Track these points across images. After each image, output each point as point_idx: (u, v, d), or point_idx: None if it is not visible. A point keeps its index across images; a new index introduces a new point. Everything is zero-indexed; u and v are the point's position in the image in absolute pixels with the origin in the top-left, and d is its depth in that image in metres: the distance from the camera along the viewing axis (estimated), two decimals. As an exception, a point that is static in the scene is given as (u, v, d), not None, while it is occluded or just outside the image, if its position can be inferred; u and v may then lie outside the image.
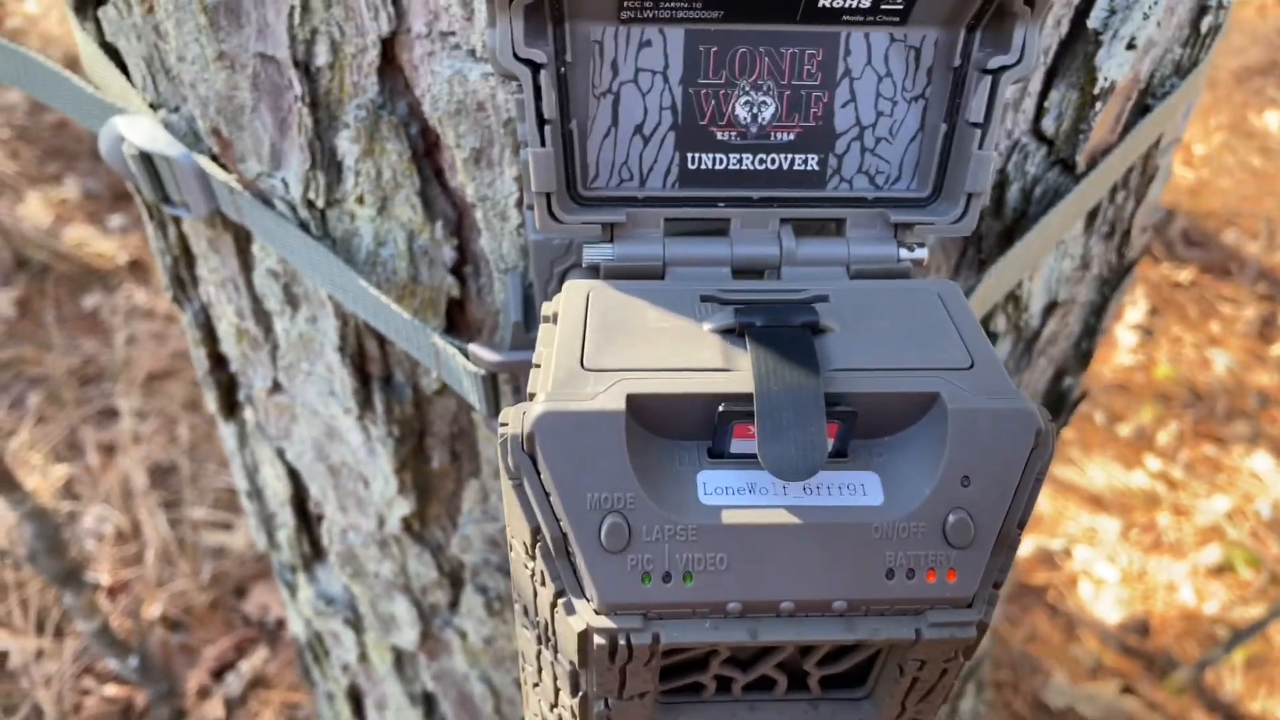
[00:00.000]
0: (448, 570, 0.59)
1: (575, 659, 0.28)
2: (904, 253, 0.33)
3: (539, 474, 0.27)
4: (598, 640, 0.27)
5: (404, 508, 0.55)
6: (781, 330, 0.29)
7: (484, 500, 0.54)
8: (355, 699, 0.76)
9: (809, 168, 0.32)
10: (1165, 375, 2.12)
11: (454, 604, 0.60)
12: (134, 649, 1.59)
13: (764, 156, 0.32)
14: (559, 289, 0.32)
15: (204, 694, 1.72)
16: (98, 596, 1.75)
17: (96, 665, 1.73)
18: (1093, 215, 0.49)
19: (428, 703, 0.69)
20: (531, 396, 0.28)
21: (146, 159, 0.45)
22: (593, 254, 0.32)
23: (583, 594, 0.27)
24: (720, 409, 0.27)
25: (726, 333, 0.29)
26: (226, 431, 0.67)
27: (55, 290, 2.32)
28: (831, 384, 0.27)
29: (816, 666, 0.30)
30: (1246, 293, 2.32)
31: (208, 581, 1.83)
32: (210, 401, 0.64)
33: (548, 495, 0.27)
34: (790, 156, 0.32)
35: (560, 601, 0.27)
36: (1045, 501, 1.93)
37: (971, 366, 0.28)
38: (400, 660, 0.67)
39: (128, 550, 1.85)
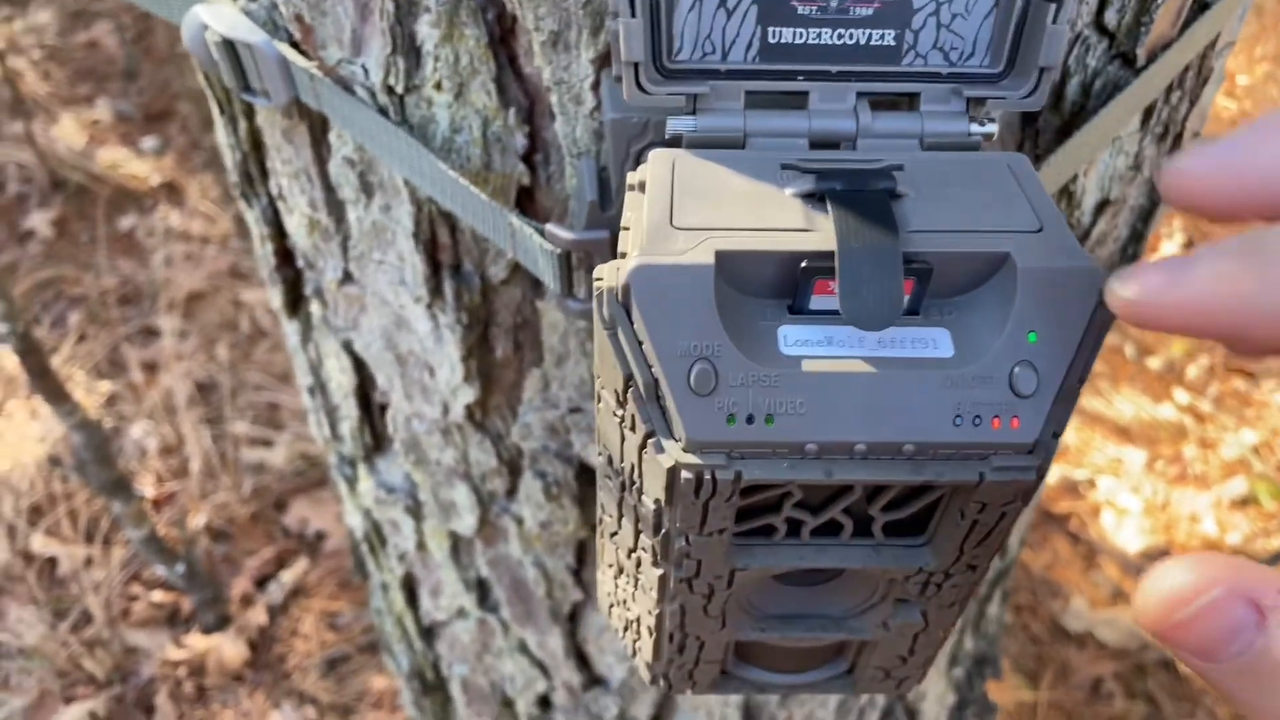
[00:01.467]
0: (507, 458, 0.61)
1: (662, 496, 0.31)
2: (975, 127, 0.34)
3: (632, 324, 0.29)
4: (685, 475, 0.29)
5: (468, 395, 0.57)
6: (860, 194, 0.30)
7: (544, 389, 0.57)
8: (409, 588, 0.80)
9: (885, 43, 0.34)
10: (1197, 308, 2.10)
11: (512, 491, 0.63)
12: (180, 557, 1.65)
13: (842, 31, 0.33)
14: (635, 168, 0.34)
15: (247, 601, 1.79)
16: (144, 507, 1.81)
17: (143, 573, 1.80)
18: (1148, 114, 0.50)
19: (481, 588, 0.73)
20: (623, 256, 0.30)
21: (229, 47, 0.46)
22: (676, 125, 0.34)
23: (671, 435, 0.29)
24: (803, 265, 0.29)
25: (807, 197, 0.31)
26: (290, 329, 0.69)
27: (91, 211, 2.35)
28: (908, 244, 0.29)
29: (881, 511, 0.32)
30: (1284, 227, 2.28)
31: (249, 495, 1.89)
32: (275, 298, 0.66)
33: (640, 344, 0.29)
34: (868, 32, 0.34)
35: (650, 442, 0.30)
36: (1071, 432, 1.95)
37: (1040, 230, 0.30)
38: (457, 546, 0.70)
39: (172, 463, 1.91)
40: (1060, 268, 0.29)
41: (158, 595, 1.79)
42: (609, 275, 0.29)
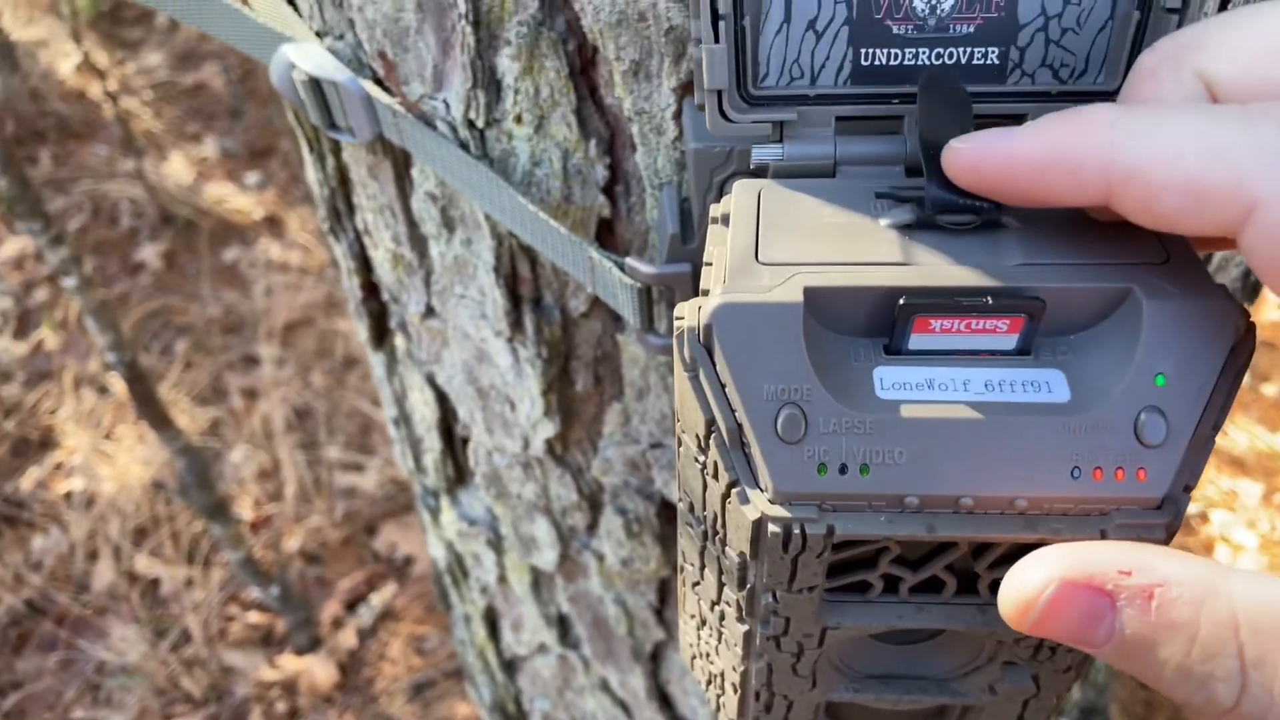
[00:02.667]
0: (587, 493, 0.60)
1: (747, 549, 0.29)
2: (1087, 150, 0.31)
3: (715, 365, 0.27)
4: (772, 529, 0.27)
5: (549, 429, 0.56)
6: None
7: (625, 423, 0.55)
8: (491, 621, 0.79)
9: (989, 61, 0.31)
10: (1320, 332, 1.98)
11: (592, 526, 0.62)
12: (275, 579, 1.69)
13: (941, 50, 0.31)
14: (718, 199, 0.32)
15: (338, 624, 1.82)
16: (242, 530, 1.87)
17: (241, 594, 1.85)
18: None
19: (562, 624, 0.72)
20: (705, 293, 0.29)
21: (315, 85, 0.47)
22: (762, 154, 0.32)
23: (756, 484, 0.27)
24: (901, 302, 0.27)
25: (904, 228, 0.29)
26: (376, 360, 0.70)
27: (198, 244, 2.45)
28: (1015, 278, 0.27)
29: (988, 569, 0.30)
30: None
31: (341, 519, 1.93)
32: (362, 331, 0.67)
33: (723, 387, 0.27)
34: (969, 50, 0.31)
35: (734, 492, 0.28)
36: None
37: (1167, 261, 0.27)
38: (538, 581, 0.69)
39: (269, 488, 1.96)
40: (1190, 303, 0.26)
41: (253, 616, 1.83)
42: (690, 314, 0.28)
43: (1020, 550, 0.29)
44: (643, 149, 0.42)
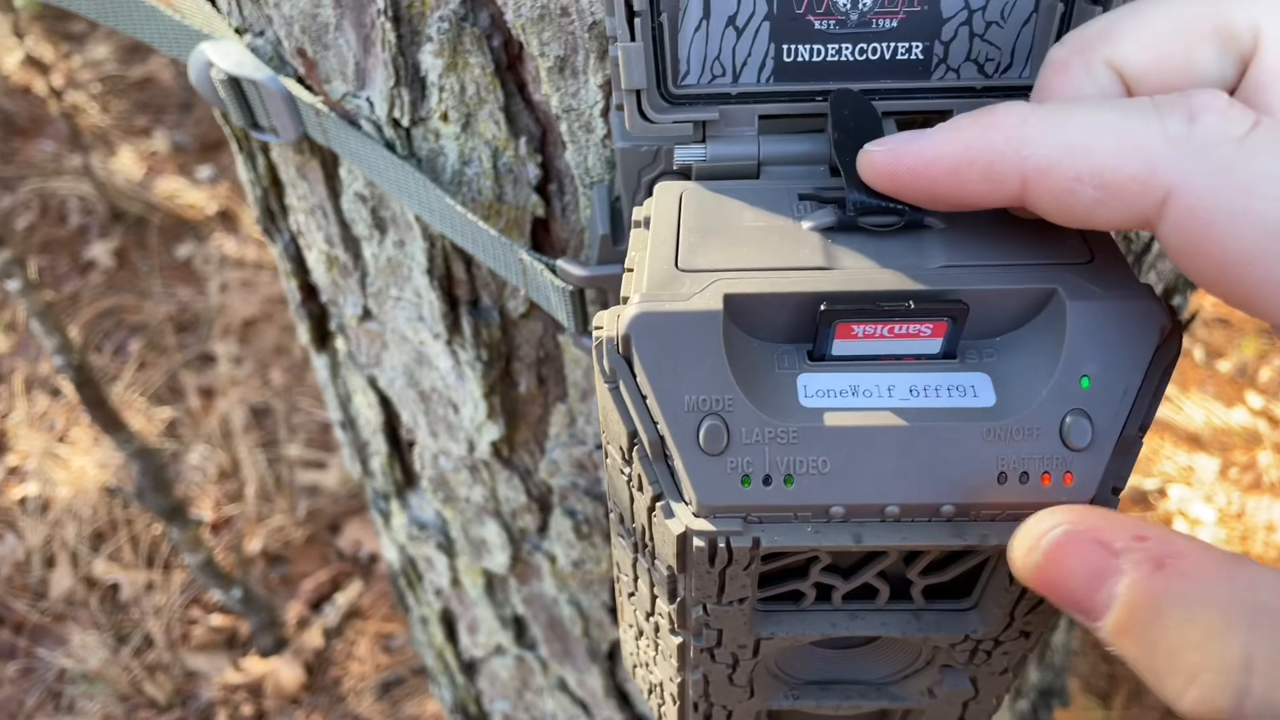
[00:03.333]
0: (536, 495, 0.59)
1: (674, 564, 0.28)
2: (1014, 146, 0.31)
3: (635, 376, 0.26)
4: (697, 543, 0.26)
5: (493, 432, 0.55)
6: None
7: (571, 424, 0.54)
8: (448, 623, 0.78)
9: (913, 56, 0.31)
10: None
11: (543, 528, 0.61)
12: (237, 581, 1.66)
13: (864, 46, 0.31)
14: (648, 198, 0.31)
15: (303, 624, 1.80)
16: (202, 532, 1.84)
17: (203, 597, 1.82)
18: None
19: (518, 625, 0.71)
20: (625, 300, 0.28)
21: (235, 84, 0.45)
22: (684, 155, 0.31)
23: (681, 497, 0.27)
24: (822, 308, 0.26)
25: (828, 231, 0.28)
26: (319, 363, 0.68)
27: (150, 241, 2.40)
28: (938, 280, 0.26)
29: (920, 575, 0.29)
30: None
31: (304, 518, 1.90)
32: (303, 333, 0.65)
33: (644, 398, 0.26)
34: (893, 45, 0.31)
35: (658, 505, 0.27)
36: (1140, 439, 1.86)
37: (1091, 261, 0.27)
38: (491, 584, 0.68)
39: (229, 488, 1.93)
40: (1114, 303, 0.25)
41: (216, 619, 1.81)
42: (609, 324, 0.27)
43: (953, 556, 0.29)
44: (572, 147, 0.41)
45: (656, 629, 0.33)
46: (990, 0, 0.30)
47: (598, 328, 0.27)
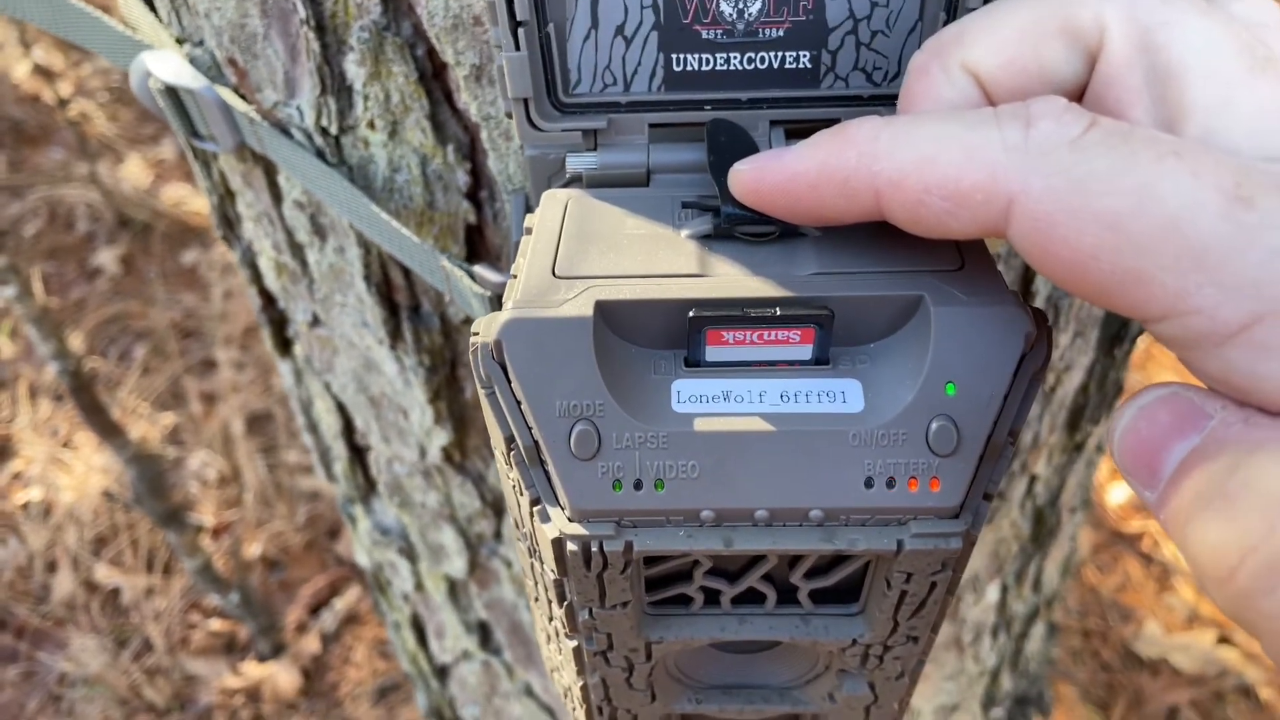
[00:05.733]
0: (490, 500, 0.60)
1: (554, 567, 0.28)
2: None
3: (509, 382, 0.27)
4: (570, 547, 0.27)
5: (442, 438, 0.55)
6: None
7: (518, 430, 0.55)
8: (418, 628, 0.79)
9: (801, 65, 0.31)
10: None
11: (498, 533, 0.61)
12: (235, 586, 1.68)
13: (752, 55, 0.31)
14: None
15: (301, 629, 1.81)
16: (203, 537, 1.86)
17: (202, 601, 1.83)
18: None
19: (482, 630, 0.71)
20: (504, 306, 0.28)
21: (173, 94, 0.46)
22: (575, 163, 0.32)
23: (556, 502, 0.27)
24: (691, 314, 0.26)
25: (704, 238, 0.28)
26: (284, 369, 0.69)
27: (156, 247, 2.42)
28: (809, 288, 0.26)
29: (804, 579, 0.29)
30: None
31: (303, 523, 1.91)
32: (266, 339, 0.66)
33: (519, 403, 0.27)
34: (780, 54, 0.31)
35: (535, 509, 0.27)
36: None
37: (961, 268, 0.27)
38: (454, 589, 0.68)
39: (229, 493, 1.95)
40: (978, 310, 0.25)
41: (215, 623, 1.82)
42: (485, 330, 0.27)
43: (834, 560, 0.29)
44: (494, 155, 0.41)
45: (557, 633, 0.33)
46: (875, 10, 0.30)
47: (475, 334, 0.27)
